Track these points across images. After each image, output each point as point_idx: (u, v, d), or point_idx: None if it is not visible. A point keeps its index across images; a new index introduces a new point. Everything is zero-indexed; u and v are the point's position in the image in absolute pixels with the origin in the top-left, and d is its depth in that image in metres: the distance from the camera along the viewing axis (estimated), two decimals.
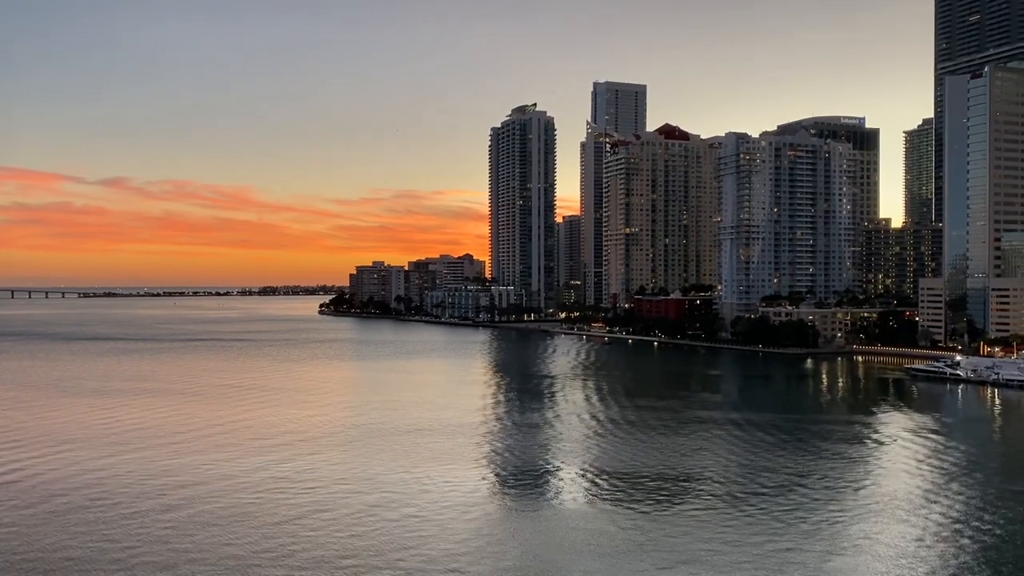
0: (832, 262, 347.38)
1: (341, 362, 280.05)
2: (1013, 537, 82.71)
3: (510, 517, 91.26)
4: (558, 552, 79.37)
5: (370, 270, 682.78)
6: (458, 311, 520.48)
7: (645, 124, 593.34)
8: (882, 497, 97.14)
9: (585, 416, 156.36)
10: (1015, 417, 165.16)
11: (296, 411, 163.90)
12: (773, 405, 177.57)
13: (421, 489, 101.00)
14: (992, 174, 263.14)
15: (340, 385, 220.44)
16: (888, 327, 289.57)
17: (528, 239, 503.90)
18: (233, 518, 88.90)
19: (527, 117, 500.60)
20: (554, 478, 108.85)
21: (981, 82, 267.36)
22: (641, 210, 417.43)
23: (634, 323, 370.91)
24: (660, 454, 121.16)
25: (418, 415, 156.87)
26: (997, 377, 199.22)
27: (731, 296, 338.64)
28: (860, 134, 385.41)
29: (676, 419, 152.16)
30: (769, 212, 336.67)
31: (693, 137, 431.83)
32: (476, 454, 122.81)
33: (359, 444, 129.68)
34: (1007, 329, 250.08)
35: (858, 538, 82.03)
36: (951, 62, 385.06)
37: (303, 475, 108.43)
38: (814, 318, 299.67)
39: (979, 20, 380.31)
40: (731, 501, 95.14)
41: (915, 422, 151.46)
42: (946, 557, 76.93)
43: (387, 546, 79.92)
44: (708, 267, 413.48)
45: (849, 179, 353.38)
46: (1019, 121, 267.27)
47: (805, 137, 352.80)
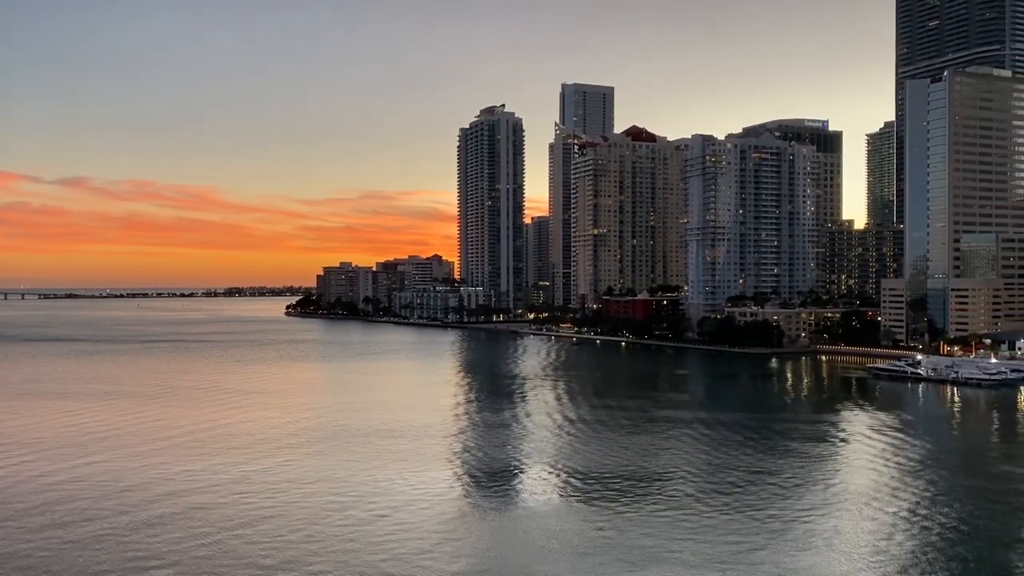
0: (796, 263, 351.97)
1: (307, 363, 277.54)
2: (972, 530, 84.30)
3: (479, 518, 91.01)
4: (527, 552, 79.29)
5: (337, 271, 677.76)
6: (427, 312, 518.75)
7: (613, 126, 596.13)
8: (847, 494, 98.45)
9: (553, 416, 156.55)
10: (973, 415, 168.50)
11: (261, 413, 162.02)
12: (739, 404, 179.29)
13: (388, 491, 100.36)
14: (951, 176, 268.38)
15: (306, 387, 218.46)
16: (851, 327, 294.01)
17: (497, 240, 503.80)
18: (196, 521, 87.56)
19: (496, 118, 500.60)
20: (523, 478, 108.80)
21: (941, 86, 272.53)
22: (609, 211, 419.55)
23: (602, 323, 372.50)
24: (628, 453, 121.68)
25: (385, 416, 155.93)
26: (956, 376, 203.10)
27: (697, 296, 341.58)
28: (823, 137, 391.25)
29: (643, 418, 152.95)
30: (735, 213, 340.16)
31: (660, 139, 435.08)
32: (444, 455, 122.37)
33: (325, 446, 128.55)
34: (966, 329, 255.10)
35: (825, 534, 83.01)
36: (912, 66, 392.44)
37: (268, 478, 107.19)
38: (779, 318, 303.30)
39: (939, 26, 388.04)
40: (699, 499, 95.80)
41: (877, 420, 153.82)
42: (910, 552, 78.12)
43: (354, 548, 79.24)
44: (675, 268, 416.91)
45: (813, 181, 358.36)
46: (977, 125, 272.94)
47: (770, 140, 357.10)
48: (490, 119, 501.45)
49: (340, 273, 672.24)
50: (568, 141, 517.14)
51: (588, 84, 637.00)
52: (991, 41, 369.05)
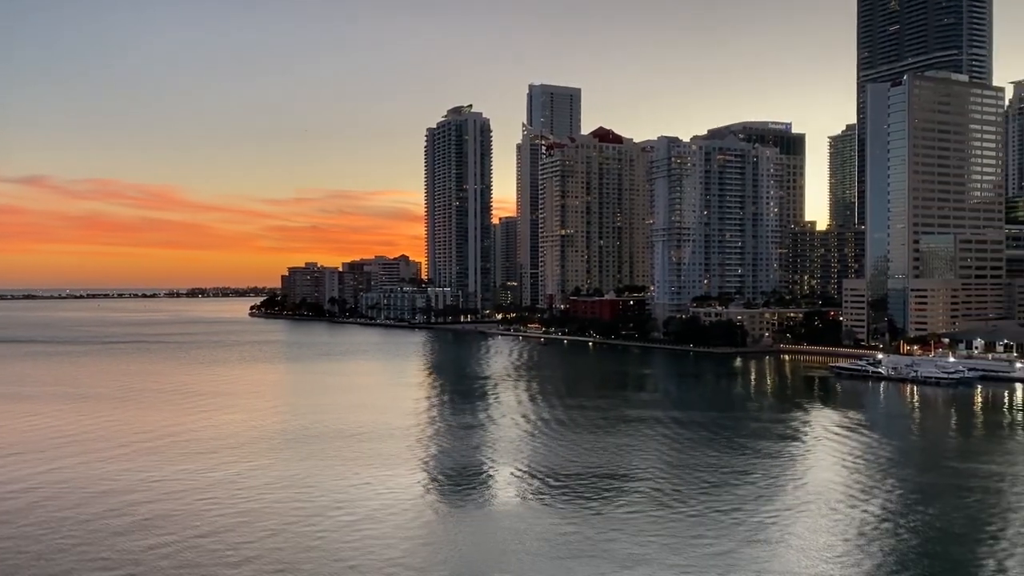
0: (760, 263, 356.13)
1: (272, 365, 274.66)
2: (930, 527, 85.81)
3: (446, 520, 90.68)
4: (496, 554, 79.15)
5: (302, 271, 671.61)
6: (394, 313, 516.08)
7: (580, 127, 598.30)
8: (811, 491, 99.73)
9: (521, 417, 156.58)
10: (932, 413, 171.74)
11: (224, 416, 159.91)
12: (704, 403, 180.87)
13: (354, 494, 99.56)
14: (911, 179, 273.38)
15: (271, 388, 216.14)
16: (813, 327, 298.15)
17: (464, 240, 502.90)
18: (160, 528, 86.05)
19: (463, 118, 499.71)
20: (490, 479, 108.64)
21: (900, 90, 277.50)
22: (576, 212, 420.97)
23: (570, 324, 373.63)
24: (595, 453, 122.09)
25: (351, 418, 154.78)
26: (916, 375, 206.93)
27: (663, 297, 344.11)
28: (787, 139, 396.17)
29: (610, 418, 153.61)
30: (699, 214, 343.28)
31: (626, 140, 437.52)
32: (411, 457, 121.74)
33: (290, 449, 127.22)
34: (925, 328, 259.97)
35: (790, 532, 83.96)
36: (873, 70, 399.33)
37: (231, 482, 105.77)
38: (743, 318, 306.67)
39: (899, 31, 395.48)
40: (665, 499, 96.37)
41: (839, 419, 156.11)
42: (872, 549, 79.29)
43: (320, 553, 78.44)
44: (641, 268, 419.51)
45: (776, 183, 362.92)
46: (936, 128, 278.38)
47: (734, 142, 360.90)
48: (457, 119, 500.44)
49: (305, 273, 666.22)
50: (535, 142, 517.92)
51: (555, 85, 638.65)
52: (949, 46, 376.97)
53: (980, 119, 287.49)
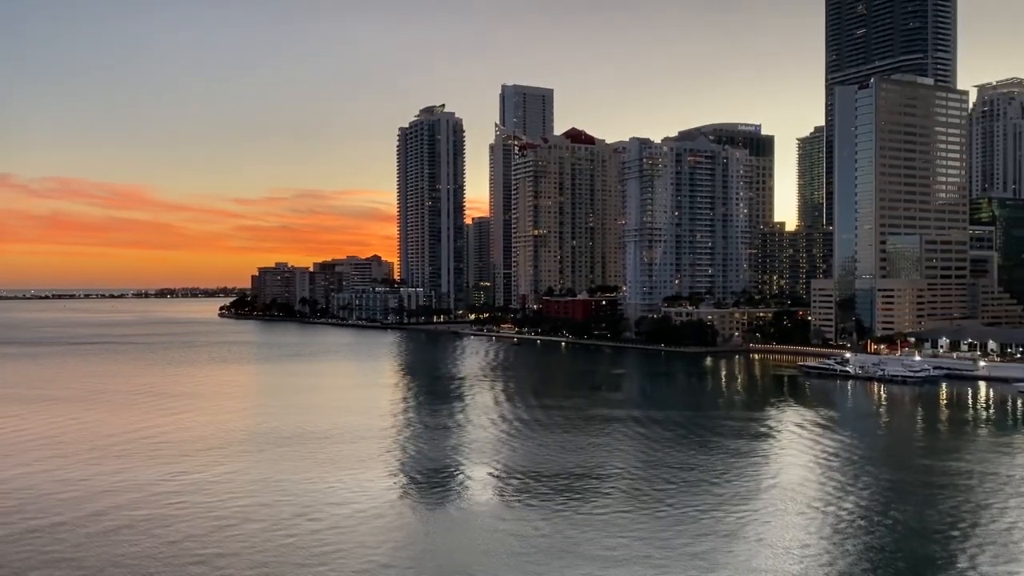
0: (730, 264, 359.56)
1: (243, 366, 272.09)
2: (897, 523, 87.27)
3: (418, 521, 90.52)
4: (467, 554, 79.17)
5: (273, 271, 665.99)
6: (366, 313, 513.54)
7: (552, 128, 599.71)
8: (780, 489, 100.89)
9: (494, 417, 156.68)
10: (899, 411, 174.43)
11: (192, 417, 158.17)
12: (675, 402, 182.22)
13: (327, 496, 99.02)
14: (878, 180, 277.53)
15: (240, 389, 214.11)
16: (783, 326, 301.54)
17: (437, 240, 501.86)
18: (129, 534, 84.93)
19: (435, 118, 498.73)
20: (464, 480, 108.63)
21: (868, 93, 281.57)
22: (549, 212, 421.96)
23: (542, 324, 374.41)
24: (567, 452, 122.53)
25: (322, 419, 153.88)
26: (883, 374, 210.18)
27: (635, 297, 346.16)
28: (756, 141, 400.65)
29: (582, 417, 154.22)
30: (671, 215, 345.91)
31: (599, 141, 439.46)
32: (384, 458, 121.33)
33: (262, 451, 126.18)
34: (892, 327, 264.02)
35: (760, 529, 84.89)
36: (841, 73, 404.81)
37: (203, 486, 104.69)
38: (713, 318, 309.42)
39: (866, 34, 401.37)
40: (637, 497, 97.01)
41: (808, 417, 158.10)
42: (840, 545, 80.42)
43: (292, 556, 77.93)
44: (613, 268, 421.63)
45: (746, 184, 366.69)
46: (902, 131, 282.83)
47: (704, 143, 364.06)
48: (430, 119, 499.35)
49: (276, 274, 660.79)
50: (508, 142, 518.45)
51: (528, 86, 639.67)
52: (915, 50, 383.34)
53: (945, 122, 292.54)
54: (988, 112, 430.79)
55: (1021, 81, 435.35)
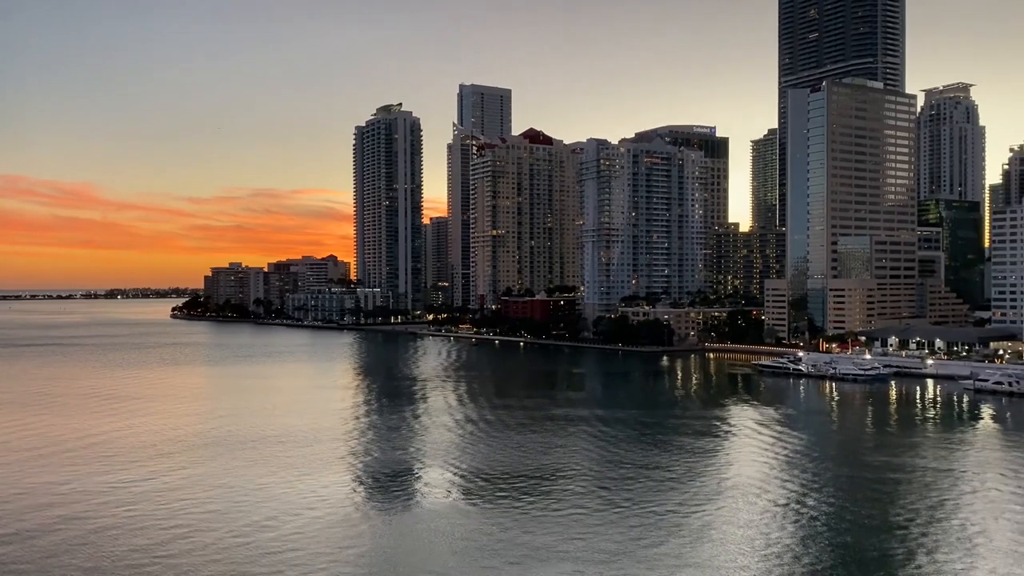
0: (685, 264, 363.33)
1: (195, 368, 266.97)
2: (849, 519, 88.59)
3: (374, 522, 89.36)
4: (425, 555, 78.36)
5: (227, 272, 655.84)
6: (322, 314, 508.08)
7: (510, 128, 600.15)
8: (736, 486, 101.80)
9: (452, 418, 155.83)
10: (850, 409, 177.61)
11: (142, 420, 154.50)
12: (632, 401, 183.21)
13: (280, 498, 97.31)
14: (829, 182, 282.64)
15: (192, 391, 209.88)
16: (737, 325, 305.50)
17: (395, 240, 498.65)
18: (71, 536, 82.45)
19: (393, 117, 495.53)
20: (419, 480, 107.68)
21: (819, 96, 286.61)
22: (507, 212, 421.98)
23: (501, 324, 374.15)
24: (525, 452, 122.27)
25: (276, 421, 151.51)
26: (834, 372, 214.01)
27: (593, 297, 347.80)
28: (711, 142, 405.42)
29: (540, 417, 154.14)
30: (628, 216, 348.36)
31: (556, 142, 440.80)
32: (341, 461, 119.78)
33: (212, 453, 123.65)
34: (843, 327, 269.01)
35: (717, 527, 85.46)
36: (793, 76, 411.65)
37: (150, 488, 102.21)
38: (669, 317, 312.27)
39: (818, 38, 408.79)
40: (595, 496, 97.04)
41: (762, 415, 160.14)
42: (795, 541, 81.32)
43: (248, 563, 76.23)
44: (572, 269, 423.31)
45: (701, 185, 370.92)
46: (852, 133, 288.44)
47: (661, 145, 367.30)
48: (387, 118, 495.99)
49: (229, 274, 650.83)
50: (466, 142, 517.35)
51: (485, 86, 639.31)
52: (865, 54, 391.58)
53: (894, 125, 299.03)
54: (935, 116, 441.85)
55: (967, 86, 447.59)
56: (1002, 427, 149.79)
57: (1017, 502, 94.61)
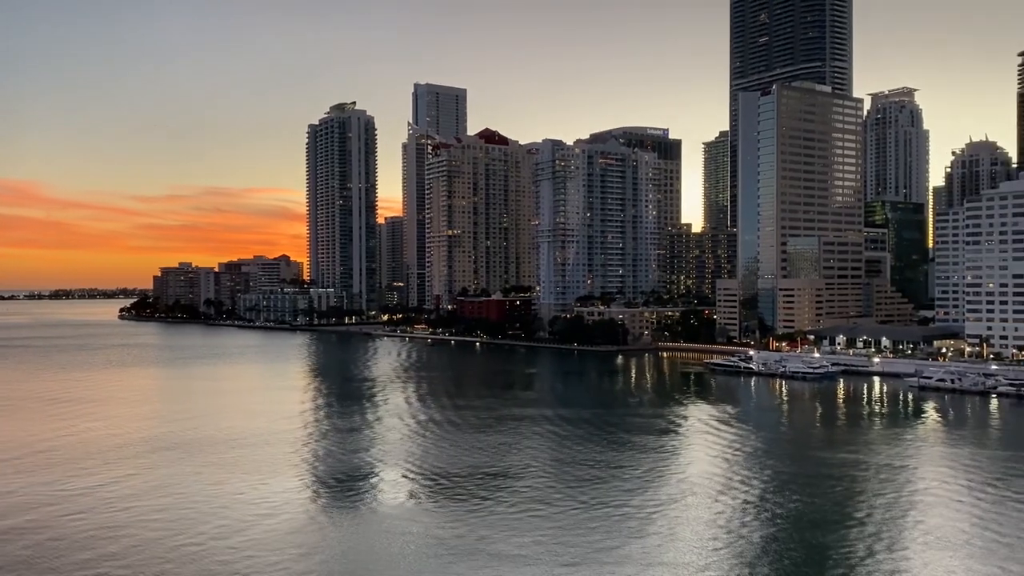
0: (639, 264, 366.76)
1: (143, 369, 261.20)
2: (803, 514, 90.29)
3: (327, 525, 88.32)
4: (381, 558, 77.75)
5: (176, 272, 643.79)
6: (274, 315, 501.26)
7: (466, 128, 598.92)
8: (689, 484, 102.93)
9: (405, 418, 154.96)
10: (799, 406, 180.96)
11: (90, 424, 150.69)
12: (587, 401, 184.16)
13: (231, 502, 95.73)
14: (779, 184, 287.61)
15: (141, 394, 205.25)
16: (690, 325, 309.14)
17: (349, 240, 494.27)
18: (15, 546, 79.88)
19: (346, 115, 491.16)
20: (373, 482, 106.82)
21: (769, 99, 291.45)
22: (463, 212, 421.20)
23: (457, 324, 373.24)
24: (481, 453, 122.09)
25: (229, 424, 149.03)
26: (784, 370, 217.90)
27: (549, 297, 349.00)
28: (664, 144, 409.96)
29: (496, 417, 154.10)
30: (583, 216, 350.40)
31: (512, 142, 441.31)
32: (292, 462, 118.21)
33: (162, 458, 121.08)
34: (792, 325, 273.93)
35: (670, 525, 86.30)
36: (744, 79, 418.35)
37: (99, 495, 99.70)
38: (624, 317, 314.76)
39: (768, 42, 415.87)
40: (550, 496, 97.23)
41: (714, 413, 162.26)
42: (745, 538, 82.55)
43: (197, 567, 74.81)
44: (527, 269, 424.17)
45: (655, 186, 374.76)
46: (801, 136, 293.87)
47: (615, 146, 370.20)
48: (341, 116, 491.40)
49: (179, 274, 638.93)
50: (421, 141, 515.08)
51: (441, 85, 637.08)
52: (813, 58, 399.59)
53: (842, 128, 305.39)
54: (881, 119, 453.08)
55: (911, 90, 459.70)
56: (945, 423, 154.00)
57: (962, 496, 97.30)
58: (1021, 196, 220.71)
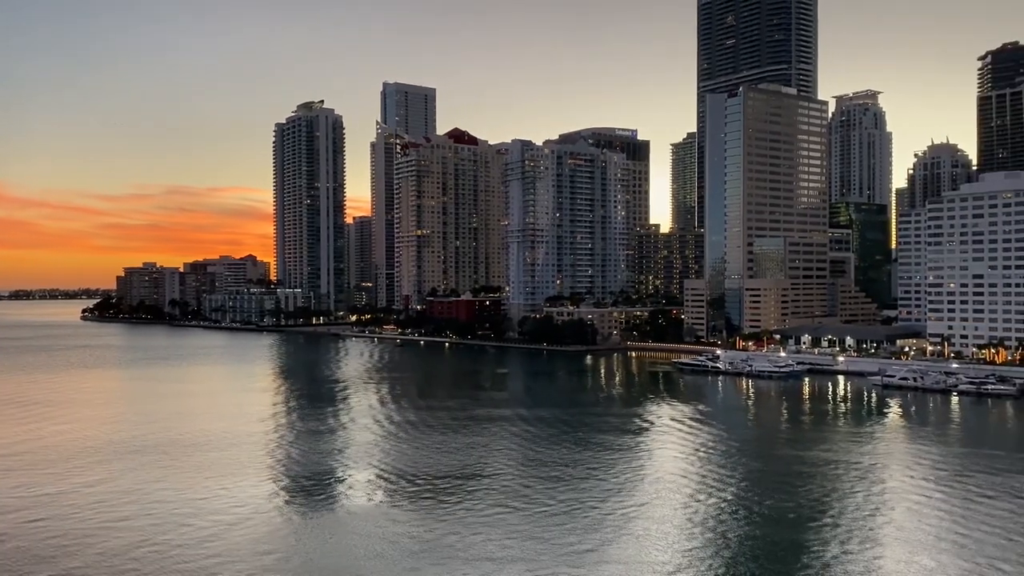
0: (608, 264, 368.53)
1: (105, 371, 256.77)
2: (774, 510, 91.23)
3: (298, 528, 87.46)
4: (350, 560, 77.11)
5: (140, 272, 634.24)
6: (240, 315, 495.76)
7: (435, 127, 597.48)
8: (657, 483, 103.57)
9: (374, 419, 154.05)
10: (765, 404, 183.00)
11: (51, 427, 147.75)
12: (557, 400, 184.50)
13: (198, 506, 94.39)
14: (745, 185, 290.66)
15: (103, 396, 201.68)
16: (658, 324, 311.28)
17: (316, 240, 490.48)
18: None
19: (314, 114, 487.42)
20: (342, 484, 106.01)
21: (736, 101, 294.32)
22: (432, 212, 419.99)
23: (426, 324, 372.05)
24: (451, 454, 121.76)
25: (195, 426, 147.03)
26: (751, 369, 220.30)
27: (518, 297, 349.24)
28: (632, 145, 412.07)
29: (465, 418, 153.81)
30: (552, 217, 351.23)
31: (481, 142, 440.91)
32: (260, 464, 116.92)
33: (124, 462, 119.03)
34: (759, 325, 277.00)
35: (640, 523, 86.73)
36: (712, 81, 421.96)
37: (63, 499, 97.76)
38: (593, 317, 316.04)
39: (735, 45, 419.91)
40: (520, 496, 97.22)
41: (682, 411, 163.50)
42: (723, 536, 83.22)
43: (159, 570, 73.63)
44: (497, 269, 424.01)
45: (623, 187, 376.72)
46: (768, 138, 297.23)
47: (584, 147, 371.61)
48: (308, 115, 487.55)
49: (143, 274, 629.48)
50: (390, 141, 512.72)
51: (410, 84, 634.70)
52: (779, 61, 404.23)
53: (807, 130, 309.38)
54: (845, 122, 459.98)
55: (875, 93, 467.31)
56: (908, 421, 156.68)
57: (923, 492, 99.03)
58: (981, 198, 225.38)
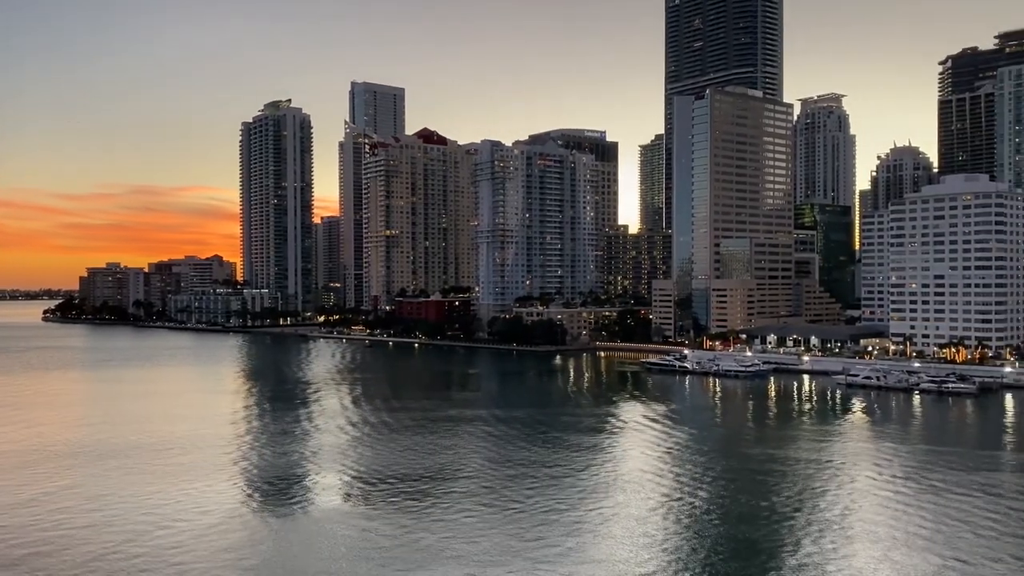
0: (578, 265, 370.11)
1: (67, 372, 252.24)
2: (744, 510, 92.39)
3: (263, 530, 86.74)
4: (320, 563, 76.56)
5: (104, 272, 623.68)
6: (206, 316, 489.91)
7: (404, 127, 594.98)
8: (625, 482, 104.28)
9: (345, 421, 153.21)
10: (731, 404, 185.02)
11: (9, 429, 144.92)
12: (526, 400, 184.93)
13: (163, 511, 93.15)
14: (712, 186, 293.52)
15: (65, 399, 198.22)
16: (627, 325, 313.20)
17: (284, 240, 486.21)
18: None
19: (281, 113, 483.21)
20: (311, 485, 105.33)
21: (703, 103, 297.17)
22: (401, 212, 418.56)
23: (395, 325, 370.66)
24: (419, 454, 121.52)
25: (160, 429, 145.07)
26: (718, 368, 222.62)
27: (488, 297, 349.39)
28: (601, 147, 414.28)
29: (434, 418, 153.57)
30: (522, 217, 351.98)
31: (451, 142, 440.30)
32: (226, 467, 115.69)
33: (86, 465, 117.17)
34: (725, 325, 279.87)
35: (610, 522, 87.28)
36: (679, 83, 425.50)
37: (23, 505, 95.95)
38: (562, 317, 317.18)
39: (702, 47, 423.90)
40: (489, 496, 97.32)
41: (650, 411, 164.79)
42: (698, 535, 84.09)
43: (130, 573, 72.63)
44: (467, 269, 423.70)
45: (592, 188, 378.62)
46: (734, 140, 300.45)
47: (554, 148, 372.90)
48: (275, 114, 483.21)
49: (107, 274, 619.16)
50: (359, 140, 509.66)
51: (378, 84, 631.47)
52: (746, 64, 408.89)
53: (773, 132, 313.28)
54: (810, 124, 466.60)
55: (839, 96, 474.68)
56: (871, 419, 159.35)
57: (887, 489, 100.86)
58: (942, 200, 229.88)
